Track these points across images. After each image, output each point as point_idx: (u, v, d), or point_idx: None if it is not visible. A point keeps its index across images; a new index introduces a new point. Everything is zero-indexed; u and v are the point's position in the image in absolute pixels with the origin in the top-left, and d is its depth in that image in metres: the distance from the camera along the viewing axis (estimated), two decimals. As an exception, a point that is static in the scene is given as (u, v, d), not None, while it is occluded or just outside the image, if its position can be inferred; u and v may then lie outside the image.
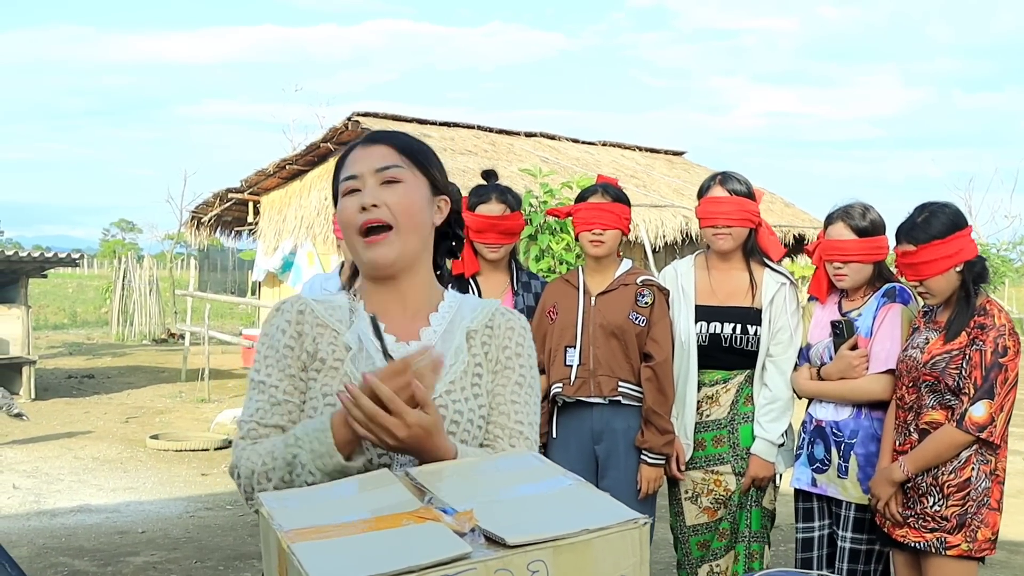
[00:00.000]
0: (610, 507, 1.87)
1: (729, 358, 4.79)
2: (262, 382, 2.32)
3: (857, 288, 4.63)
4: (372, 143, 2.37)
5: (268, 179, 19.03)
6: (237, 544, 7.69)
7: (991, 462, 4.16)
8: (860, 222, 4.56)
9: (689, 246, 17.74)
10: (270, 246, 19.60)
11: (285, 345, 2.32)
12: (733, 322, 4.77)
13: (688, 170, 21.81)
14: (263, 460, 2.18)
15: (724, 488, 4.77)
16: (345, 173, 2.35)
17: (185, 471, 10.36)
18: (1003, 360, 4.06)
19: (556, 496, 1.91)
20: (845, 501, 4.52)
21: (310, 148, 18.28)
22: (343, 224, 2.31)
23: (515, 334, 2.44)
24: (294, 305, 2.37)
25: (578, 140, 21.46)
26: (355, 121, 17.34)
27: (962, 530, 4.13)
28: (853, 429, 4.51)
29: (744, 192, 4.79)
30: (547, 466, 2.07)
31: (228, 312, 31.67)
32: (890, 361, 4.43)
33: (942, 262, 4.14)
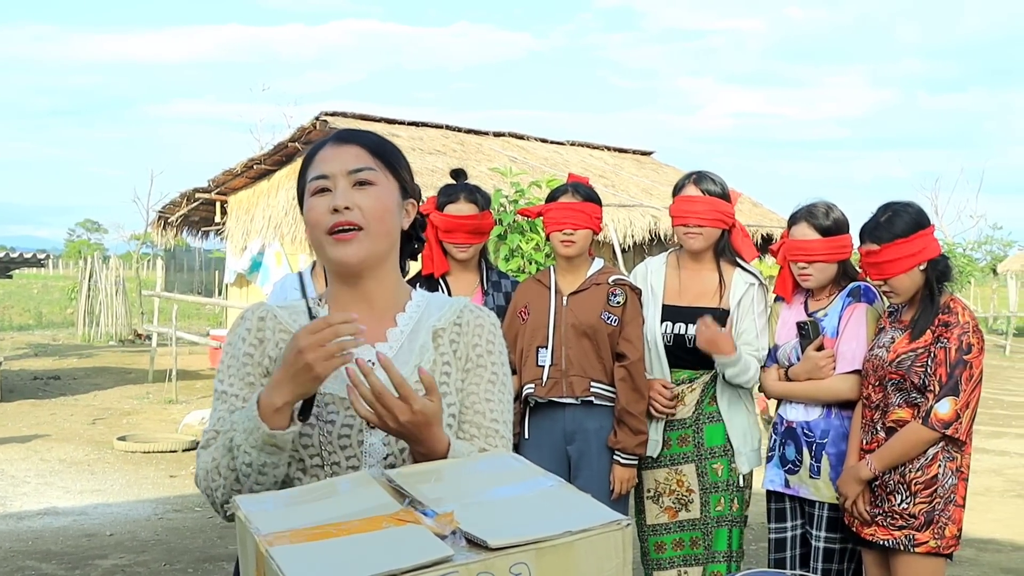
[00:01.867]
0: (592, 508, 1.87)
1: (694, 358, 4.79)
2: (224, 392, 2.32)
3: (822, 287, 4.65)
4: (343, 142, 2.34)
5: (236, 179, 18.94)
6: (206, 546, 7.65)
7: (957, 459, 4.19)
8: (824, 221, 4.57)
9: (657, 246, 17.75)
10: (238, 246, 19.52)
11: (245, 353, 2.32)
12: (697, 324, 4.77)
13: (657, 170, 21.83)
14: (212, 456, 2.22)
15: (686, 488, 4.77)
16: (314, 172, 2.31)
17: (153, 473, 10.30)
18: (967, 357, 4.09)
19: (537, 497, 1.91)
20: (818, 501, 4.53)
21: (278, 148, 18.20)
22: (311, 224, 2.29)
23: (485, 331, 2.43)
24: (256, 312, 2.36)
25: (547, 140, 21.44)
26: (323, 121, 17.28)
27: (930, 527, 4.16)
28: (824, 429, 4.52)
29: (718, 192, 4.79)
30: (526, 467, 2.06)
31: (195, 312, 31.52)
32: (856, 361, 4.45)
33: (905, 261, 4.17)
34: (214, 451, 2.22)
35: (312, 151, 2.36)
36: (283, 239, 18.36)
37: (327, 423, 2.24)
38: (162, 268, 20.43)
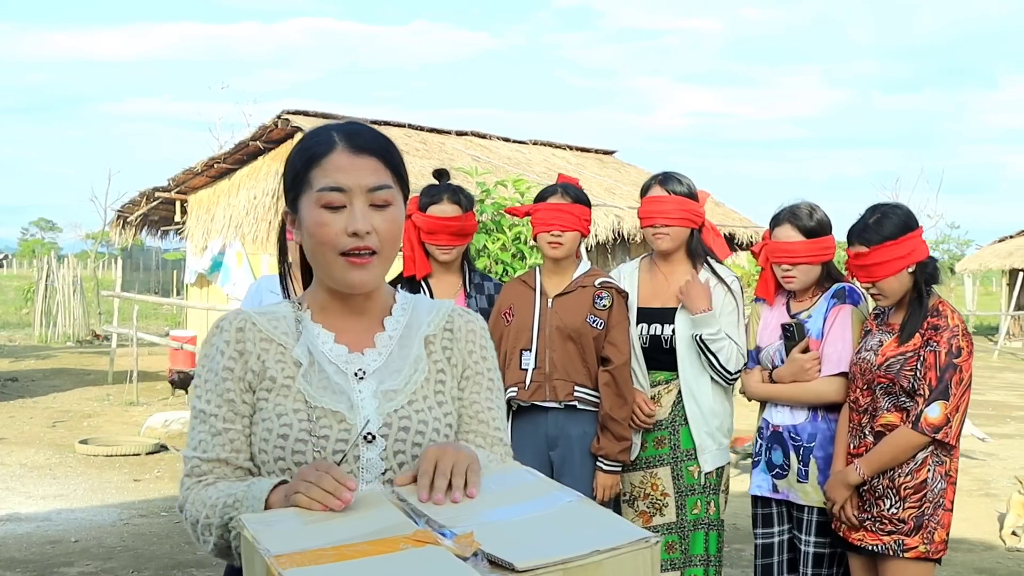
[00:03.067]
0: (618, 525, 1.80)
1: (670, 359, 4.75)
2: (202, 411, 2.20)
3: (805, 289, 4.59)
4: (360, 152, 2.16)
5: (196, 178, 18.79)
6: (174, 552, 7.53)
7: (946, 463, 4.17)
8: (807, 222, 4.54)
9: (621, 246, 17.75)
10: (198, 246, 19.36)
11: (224, 367, 2.19)
12: (673, 324, 4.73)
13: (619, 169, 21.84)
14: (206, 513, 2.09)
15: (661, 492, 4.72)
16: (327, 181, 2.13)
17: (117, 477, 10.14)
18: (957, 361, 4.06)
19: (558, 515, 1.84)
20: (807, 506, 4.48)
21: (239, 147, 18.07)
22: (321, 241, 2.14)
23: (477, 336, 2.37)
24: (233, 322, 2.22)
25: (509, 139, 21.38)
26: (285, 119, 17.17)
27: (919, 532, 4.13)
28: (811, 433, 4.48)
29: (684, 192, 4.76)
30: (542, 481, 2.00)
31: (152, 312, 31.23)
32: (842, 363, 4.42)
33: (895, 263, 4.14)
34: (208, 508, 2.08)
35: (317, 148, 2.18)
36: (244, 239, 18.22)
37: (320, 438, 2.14)
38: (120, 268, 20.17)
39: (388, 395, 2.20)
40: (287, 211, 2.27)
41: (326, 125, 2.26)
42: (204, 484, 2.15)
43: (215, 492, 2.10)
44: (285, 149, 17.60)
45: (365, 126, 2.26)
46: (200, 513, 2.10)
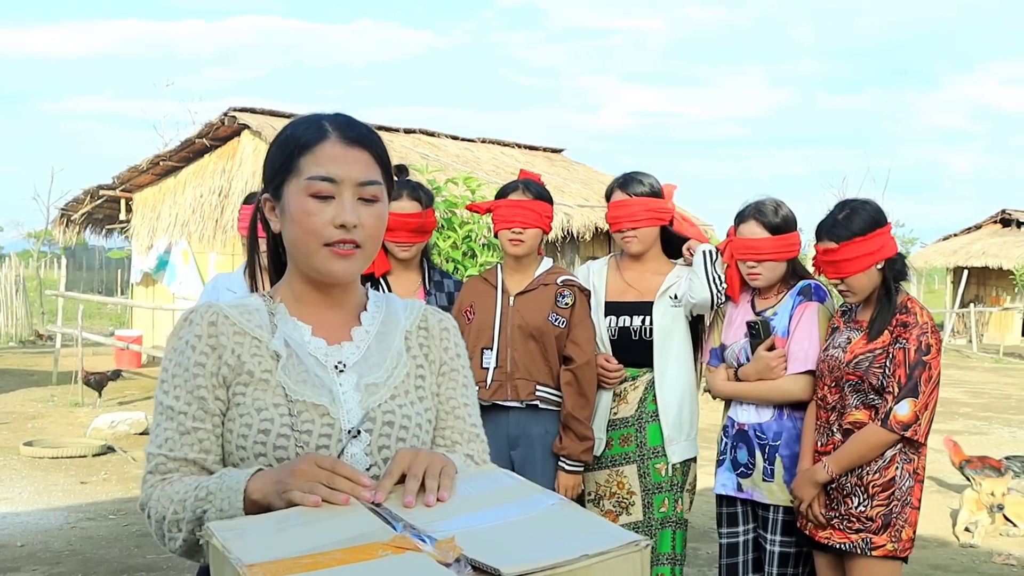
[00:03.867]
0: (606, 529, 1.74)
1: (639, 353, 4.70)
2: (169, 407, 2.10)
3: (771, 286, 4.55)
4: (353, 144, 2.12)
5: (141, 175, 18.60)
6: (123, 556, 7.37)
7: (914, 461, 4.14)
8: (773, 219, 4.49)
9: (570, 244, 17.75)
10: (144, 244, 19.17)
11: (196, 363, 2.10)
12: (642, 315, 4.68)
13: (568, 167, 21.83)
14: (173, 509, 2.00)
15: (627, 491, 4.66)
16: (317, 170, 2.08)
17: (63, 479, 9.94)
18: (927, 358, 4.03)
19: (541, 518, 1.77)
20: (772, 504, 4.43)
21: (185, 144, 17.90)
22: (307, 230, 2.08)
23: (451, 335, 2.34)
24: (204, 315, 2.14)
25: (457, 137, 21.32)
26: (231, 116, 17.03)
27: (887, 530, 4.10)
28: (776, 431, 4.44)
29: (646, 192, 4.72)
30: (521, 484, 1.93)
31: (96, 312, 30.81)
32: (809, 361, 4.37)
33: (864, 259, 4.10)
34: (176, 503, 2.00)
35: (308, 135, 2.12)
36: (190, 237, 18.05)
37: (303, 433, 2.07)
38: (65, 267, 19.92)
39: (370, 389, 2.15)
40: (267, 197, 2.19)
41: (315, 114, 2.19)
42: (169, 481, 2.07)
43: (182, 487, 2.02)
44: (232, 147, 17.46)
45: (355, 118, 2.20)
46: (167, 509, 2.01)
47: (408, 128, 20.41)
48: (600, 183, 20.78)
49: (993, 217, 33.36)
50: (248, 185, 16.81)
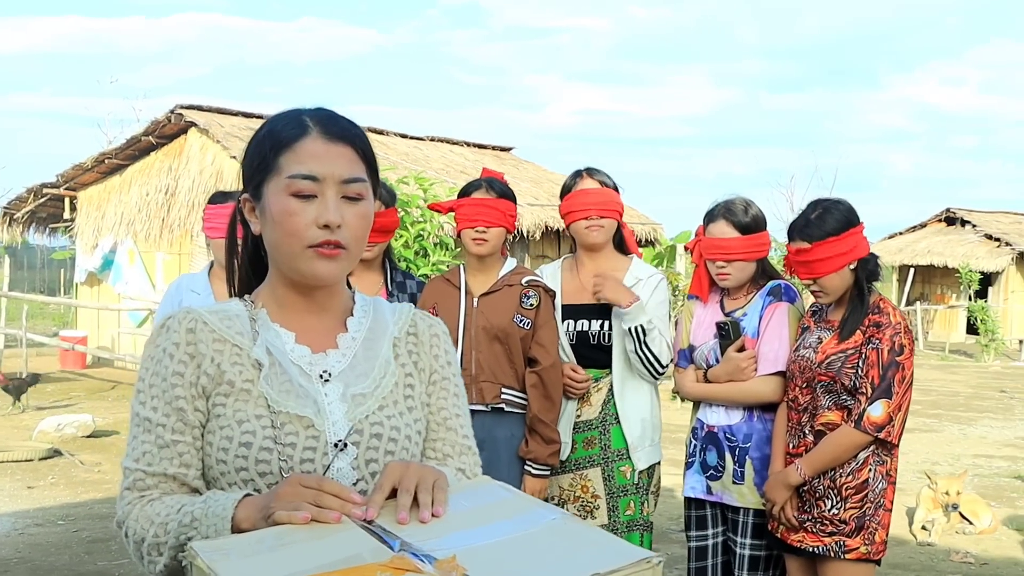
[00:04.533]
0: (614, 545, 1.66)
1: (599, 355, 4.62)
2: (147, 419, 1.99)
3: (740, 286, 4.49)
4: (336, 140, 2.02)
5: (86, 174, 18.32)
6: (74, 563, 7.21)
7: (887, 463, 4.10)
8: (743, 218, 4.43)
9: (519, 243, 17.68)
10: (88, 243, 18.89)
11: (174, 372, 1.99)
12: (601, 318, 4.60)
13: (517, 166, 21.77)
14: (154, 532, 1.90)
15: (592, 494, 4.58)
16: (299, 168, 1.98)
17: (9, 484, 9.72)
18: (900, 359, 3.98)
19: (545, 534, 1.68)
20: (743, 507, 4.38)
21: (131, 142, 17.66)
22: (289, 231, 1.98)
23: (441, 341, 2.23)
24: (182, 322, 2.03)
25: (406, 135, 21.20)
26: (178, 114, 16.84)
27: (861, 533, 4.05)
28: (747, 433, 4.38)
29: (612, 184, 4.64)
30: (519, 497, 1.84)
31: (38, 312, 30.37)
32: (779, 362, 4.32)
33: (837, 259, 4.05)
34: (157, 526, 1.90)
35: (288, 132, 2.02)
36: (136, 236, 17.82)
37: (287, 446, 1.96)
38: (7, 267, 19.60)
39: (357, 399, 2.04)
40: (247, 198, 2.08)
41: (295, 109, 2.08)
42: (148, 499, 1.96)
43: (163, 508, 1.92)
44: (178, 144, 17.26)
45: (337, 112, 2.09)
46: (146, 531, 1.90)
47: (357, 126, 20.24)
48: (550, 182, 20.74)
49: (938, 216, 33.68)
50: (195, 183, 16.62)
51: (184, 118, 16.75)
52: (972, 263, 29.68)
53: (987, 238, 31.29)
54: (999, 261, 30.38)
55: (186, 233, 16.94)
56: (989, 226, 31.79)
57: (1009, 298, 30.55)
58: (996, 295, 30.61)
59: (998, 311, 28.64)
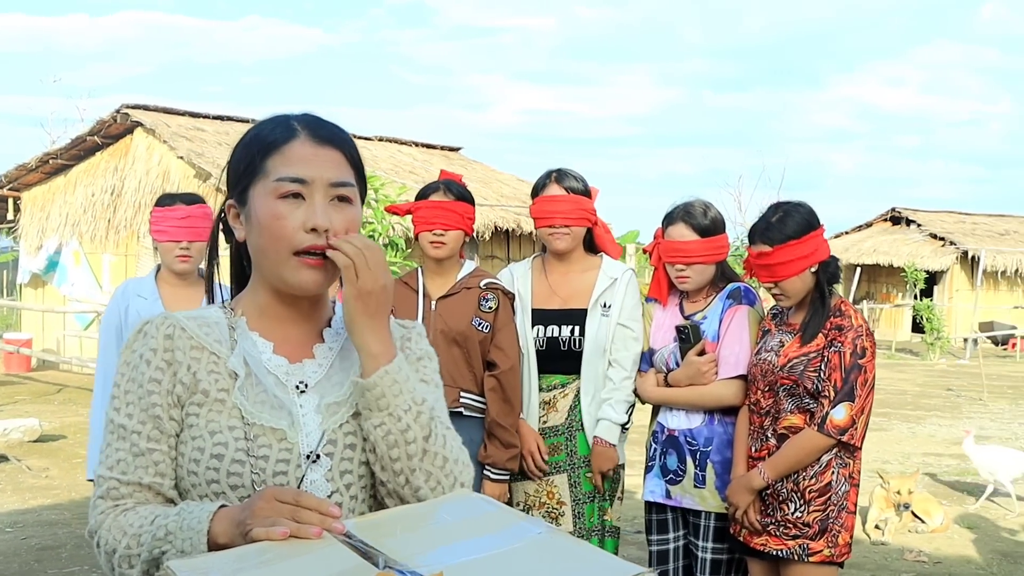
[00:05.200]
0: (602, 560, 1.62)
1: (567, 362, 4.58)
2: (122, 426, 1.94)
3: (699, 289, 4.47)
4: (324, 143, 1.99)
5: (30, 174, 18.10)
6: (24, 571, 7.06)
7: (849, 465, 4.09)
8: (702, 221, 4.41)
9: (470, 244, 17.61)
10: (32, 245, 18.65)
11: (151, 379, 1.94)
12: (571, 325, 4.56)
13: (466, 166, 21.73)
14: (127, 543, 1.84)
15: (557, 500, 4.55)
16: (286, 170, 1.95)
17: (-48, 491, 9.57)
18: (862, 361, 3.97)
19: (532, 549, 1.63)
20: (704, 511, 4.35)
21: (76, 142, 17.46)
22: (276, 235, 1.93)
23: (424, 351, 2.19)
24: (160, 328, 1.98)
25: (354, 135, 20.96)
26: (124, 113, 16.67)
27: (824, 535, 4.04)
28: (707, 437, 4.35)
29: (580, 190, 4.59)
30: (501, 511, 1.80)
31: (-19, 315, 30.00)
32: (740, 365, 4.30)
33: (798, 263, 4.03)
34: (130, 537, 1.84)
35: (275, 135, 1.99)
36: (82, 238, 17.62)
37: (259, 458, 1.91)
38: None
39: (331, 408, 1.99)
40: (232, 203, 2.03)
41: (281, 114, 2.05)
42: (122, 509, 1.90)
43: (136, 519, 1.86)
44: (124, 144, 17.08)
45: (324, 118, 2.05)
46: (119, 543, 1.84)
47: (305, 126, 20.10)
48: (498, 182, 20.73)
49: (883, 215, 33.99)
50: (142, 184, 16.46)
51: (130, 118, 16.58)
52: (917, 262, 29.95)
53: (932, 237, 31.63)
54: (944, 260, 30.70)
55: (132, 234, 16.76)
56: (934, 225, 32.13)
57: (954, 297, 30.86)
58: (941, 294, 30.93)
59: (943, 310, 28.92)
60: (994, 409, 16.23)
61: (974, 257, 30.37)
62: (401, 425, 1.92)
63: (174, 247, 4.82)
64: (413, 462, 1.93)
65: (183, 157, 15.85)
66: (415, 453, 1.93)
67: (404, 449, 1.92)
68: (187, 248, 4.82)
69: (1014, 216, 35.84)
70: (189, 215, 4.82)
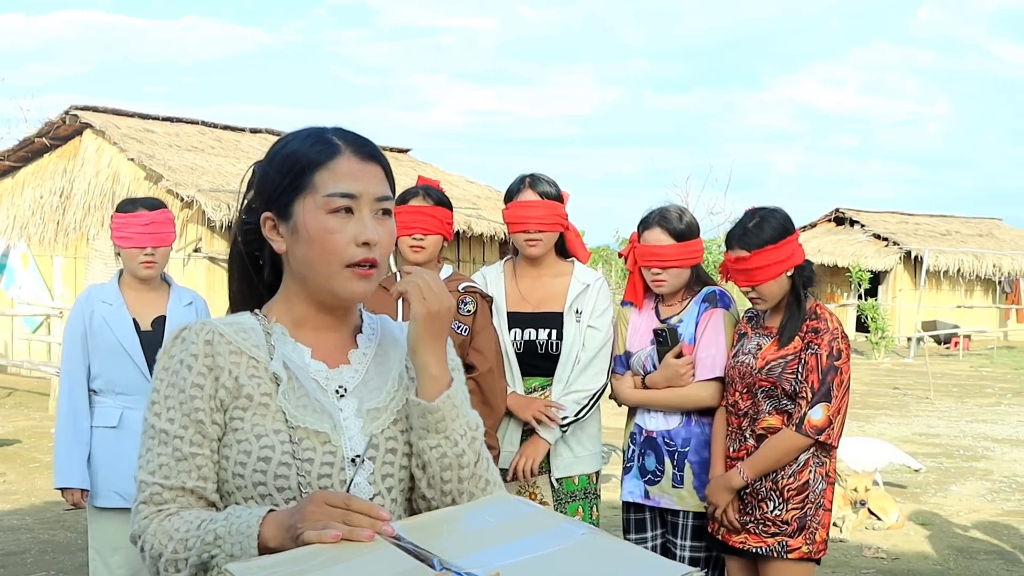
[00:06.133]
0: (650, 560, 1.68)
1: (545, 364, 4.63)
2: (164, 431, 1.97)
3: (675, 293, 4.54)
4: (369, 159, 2.05)
5: (-25, 176, 17.88)
6: (-15, 577, 7.05)
7: (826, 464, 4.18)
8: (678, 225, 4.48)
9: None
10: (-21, 247, 18.41)
11: (193, 384, 1.97)
12: (548, 327, 4.61)
13: (415, 167, 21.67)
14: (173, 548, 1.88)
15: (540, 501, 4.59)
16: (339, 187, 2.00)
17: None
18: (838, 363, 4.07)
19: (581, 550, 1.69)
20: (682, 510, 4.42)
21: (23, 143, 17.31)
22: (329, 250, 1.99)
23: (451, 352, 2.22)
24: (200, 333, 2.00)
25: (304, 136, 20.96)
26: (73, 115, 16.55)
27: (802, 533, 4.13)
28: (685, 437, 4.43)
29: (553, 195, 4.64)
30: (543, 512, 1.86)
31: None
32: (717, 367, 4.38)
33: (775, 267, 4.12)
34: (177, 542, 1.87)
35: (320, 150, 2.03)
36: (30, 240, 17.43)
37: (304, 461, 1.95)
38: None
39: (372, 414, 2.05)
40: (269, 215, 2.07)
41: (312, 128, 2.10)
42: (166, 514, 1.93)
43: (182, 524, 1.90)
44: (73, 146, 16.95)
45: (359, 132, 2.11)
46: (165, 547, 1.88)
47: (254, 128, 20.06)
48: (448, 183, 20.72)
49: (827, 216, 34.33)
50: (91, 186, 16.33)
51: (79, 119, 16.45)
52: (862, 262, 30.25)
53: (875, 238, 32.00)
54: (887, 260, 31.08)
55: (82, 236, 16.62)
56: (877, 226, 32.50)
57: (897, 296, 31.25)
58: (885, 294, 31.31)
59: (887, 309, 29.28)
60: (941, 407, 16.48)
61: (917, 257, 30.74)
62: (457, 450, 2.00)
63: (138, 253, 4.82)
64: (463, 485, 2.02)
65: (134, 159, 15.75)
66: (466, 477, 2.02)
67: (457, 472, 2.00)
68: (151, 254, 4.83)
69: (955, 216, 36.38)
70: (152, 221, 4.82)
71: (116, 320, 4.81)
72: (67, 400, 4.83)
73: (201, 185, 15.29)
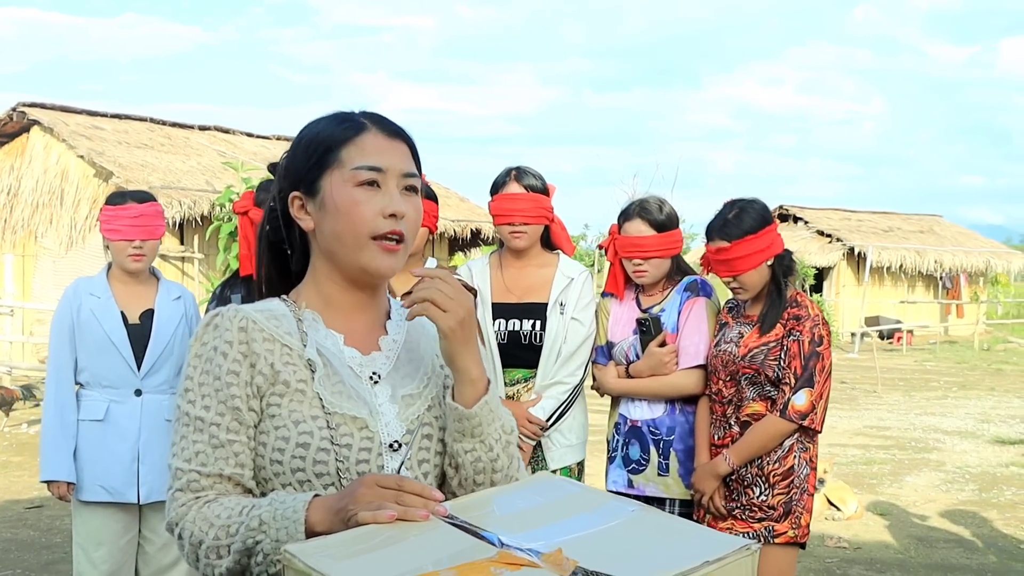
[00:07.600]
0: (707, 535, 1.72)
1: (529, 355, 4.66)
2: (199, 418, 1.97)
3: (656, 283, 4.59)
4: (395, 136, 2.09)
5: (-76, 174, 17.63)
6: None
7: (809, 449, 4.26)
8: (658, 216, 4.53)
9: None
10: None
11: (228, 371, 1.97)
12: (532, 318, 4.64)
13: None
14: (215, 534, 1.87)
15: None
16: (366, 160, 2.03)
17: None
18: (820, 349, 4.15)
19: (635, 525, 1.72)
20: (668, 499, 4.48)
21: (-30, 141, 17.07)
22: (357, 220, 2.00)
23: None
24: (233, 320, 2.01)
25: (253, 134, 20.93)
26: (20, 112, 16.39)
27: (788, 517, 4.20)
28: (670, 426, 4.48)
29: (539, 188, 4.67)
30: (590, 491, 1.89)
31: None
32: (699, 355, 4.44)
33: (755, 257, 4.19)
34: (218, 528, 1.87)
35: (346, 127, 2.07)
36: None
37: (343, 447, 1.96)
38: None
39: (406, 400, 2.07)
40: (297, 195, 2.09)
41: (338, 112, 2.14)
42: (204, 501, 1.93)
43: (223, 511, 1.89)
44: (20, 143, 16.77)
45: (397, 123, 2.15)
46: (205, 534, 1.88)
47: (203, 125, 19.94)
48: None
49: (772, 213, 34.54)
50: (39, 183, 16.17)
51: (27, 116, 16.29)
52: (806, 258, 30.50)
53: (819, 234, 32.32)
54: (831, 256, 31.40)
55: (30, 234, 16.46)
56: (820, 223, 32.82)
57: (841, 292, 31.56)
58: (829, 289, 31.63)
59: (831, 305, 29.57)
60: (889, 401, 16.71)
61: (860, 253, 31.07)
62: (492, 455, 2.02)
63: (127, 246, 4.79)
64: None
65: (83, 156, 15.61)
66: (499, 480, 2.03)
67: (490, 476, 2.03)
68: (140, 247, 4.81)
69: (896, 213, 36.79)
70: (142, 214, 4.80)
71: (104, 313, 4.78)
72: (54, 393, 4.79)
73: (152, 182, 15.18)
